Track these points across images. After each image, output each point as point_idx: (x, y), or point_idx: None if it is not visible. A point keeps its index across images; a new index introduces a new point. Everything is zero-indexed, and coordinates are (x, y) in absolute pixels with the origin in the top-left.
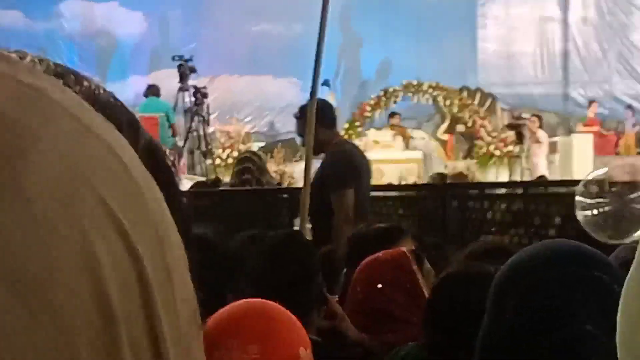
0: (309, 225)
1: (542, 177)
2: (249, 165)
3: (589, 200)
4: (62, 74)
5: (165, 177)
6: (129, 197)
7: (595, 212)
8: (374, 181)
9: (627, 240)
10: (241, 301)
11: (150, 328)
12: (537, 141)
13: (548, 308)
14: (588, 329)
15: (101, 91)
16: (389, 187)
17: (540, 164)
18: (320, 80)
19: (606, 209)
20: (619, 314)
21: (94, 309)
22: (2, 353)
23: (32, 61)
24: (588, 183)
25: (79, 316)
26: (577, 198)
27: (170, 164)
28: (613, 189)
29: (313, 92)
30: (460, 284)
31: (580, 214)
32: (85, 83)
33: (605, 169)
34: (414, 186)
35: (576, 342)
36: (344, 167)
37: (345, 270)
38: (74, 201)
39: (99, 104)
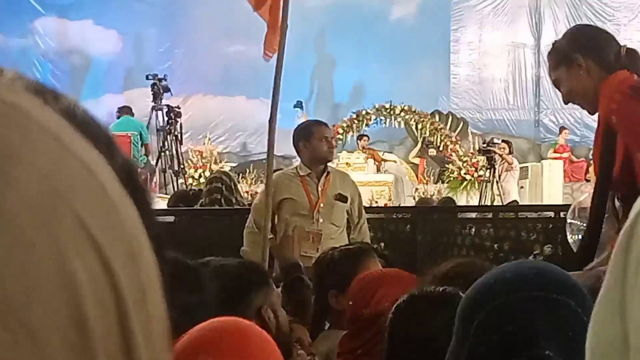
0: None
1: (513, 202)
2: (218, 185)
3: (581, 223)
4: (41, 91)
5: (140, 196)
6: (105, 216)
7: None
8: None
9: None
10: (215, 319)
11: (126, 344)
12: (509, 166)
13: (508, 332)
14: (547, 354)
15: (79, 109)
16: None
17: (512, 189)
18: (280, 103)
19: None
20: (587, 341)
21: (71, 327)
22: None
23: (11, 78)
24: (580, 206)
25: (56, 334)
26: (570, 221)
27: (144, 183)
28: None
29: (272, 116)
30: (421, 307)
31: (570, 237)
32: (64, 101)
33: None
34: (384, 209)
35: None
36: None
37: (314, 297)
38: (52, 220)
39: (77, 122)
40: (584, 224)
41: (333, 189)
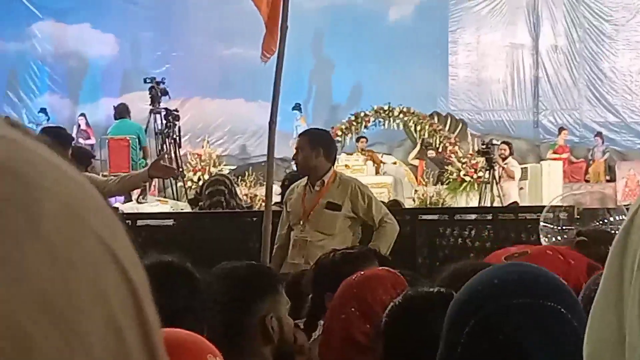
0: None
1: (514, 203)
2: (221, 188)
3: (554, 226)
4: (16, 124)
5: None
6: (113, 229)
7: (559, 238)
8: None
9: None
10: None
11: (149, 348)
12: (509, 168)
13: (499, 341)
14: None
15: (46, 137)
16: None
17: (512, 190)
18: (279, 105)
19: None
20: (585, 339)
21: (108, 332)
22: None
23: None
24: (553, 209)
25: (96, 336)
26: (542, 224)
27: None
28: (578, 216)
29: (272, 120)
30: (416, 308)
31: (544, 240)
32: (30, 131)
33: (572, 195)
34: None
35: None
36: None
37: (310, 295)
38: (82, 240)
39: (56, 150)
40: (557, 227)
41: (326, 198)
